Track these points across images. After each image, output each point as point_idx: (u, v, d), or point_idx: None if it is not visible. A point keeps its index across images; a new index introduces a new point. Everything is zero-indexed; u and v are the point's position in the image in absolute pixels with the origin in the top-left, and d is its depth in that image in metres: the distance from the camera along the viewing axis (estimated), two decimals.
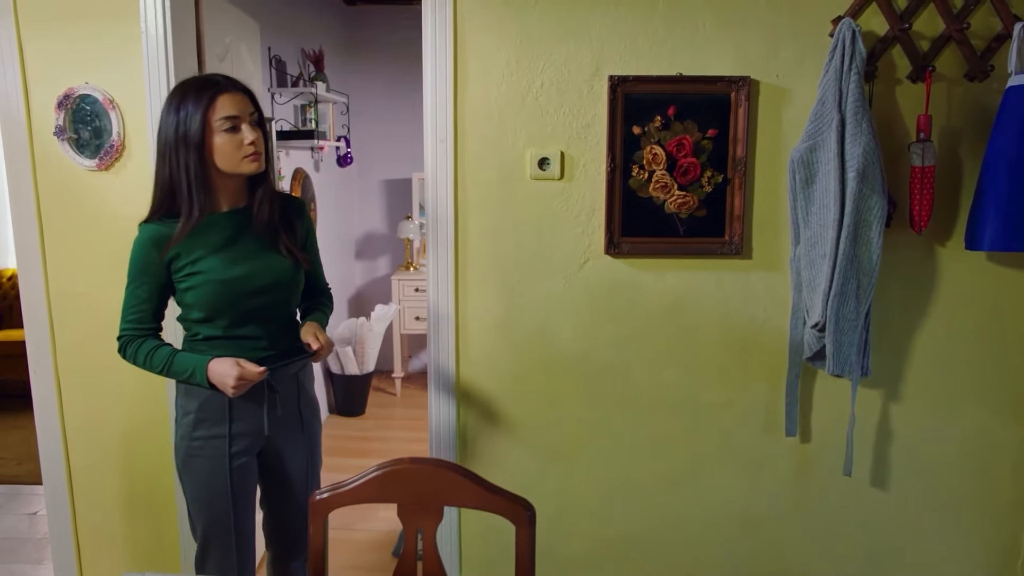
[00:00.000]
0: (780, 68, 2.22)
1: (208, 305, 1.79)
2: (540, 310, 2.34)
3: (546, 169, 2.27)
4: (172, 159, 1.72)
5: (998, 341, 2.34)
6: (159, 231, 1.76)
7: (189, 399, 1.85)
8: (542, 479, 2.43)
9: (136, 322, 1.81)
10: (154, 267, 1.77)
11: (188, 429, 1.86)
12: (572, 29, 2.22)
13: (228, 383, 1.73)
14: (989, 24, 2.18)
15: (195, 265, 1.77)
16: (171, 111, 1.72)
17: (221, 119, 1.72)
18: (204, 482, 1.87)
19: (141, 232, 1.78)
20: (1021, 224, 2.11)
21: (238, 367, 1.73)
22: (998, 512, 2.44)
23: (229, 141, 1.73)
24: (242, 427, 1.87)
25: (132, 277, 1.79)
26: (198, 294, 1.78)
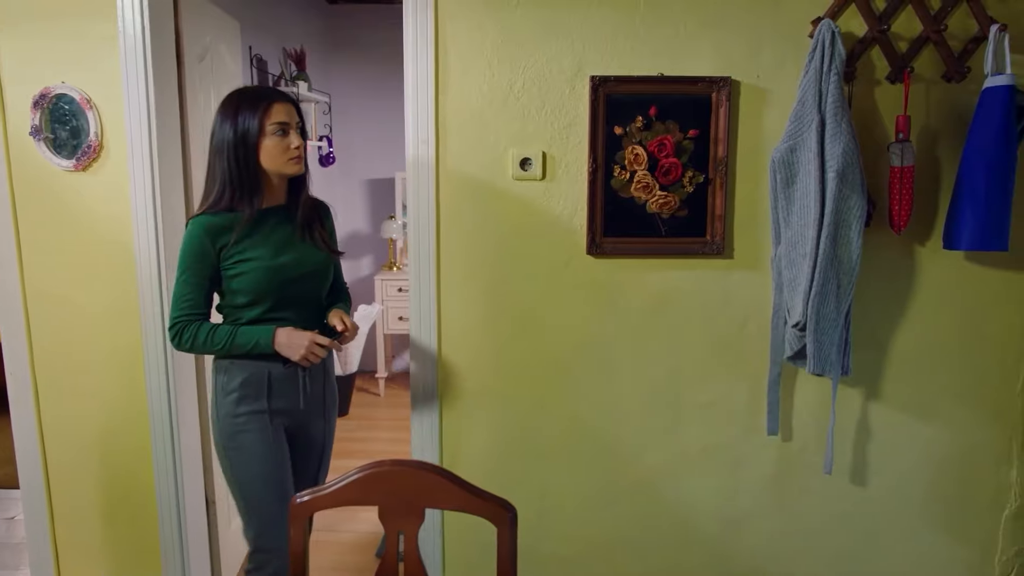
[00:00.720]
0: (761, 69, 2.23)
1: (255, 290, 1.93)
2: (522, 311, 2.34)
3: (528, 169, 2.27)
4: (231, 158, 1.89)
5: (976, 339, 2.37)
6: (213, 221, 1.90)
7: (231, 377, 1.97)
8: (525, 479, 2.43)
9: (191, 308, 1.91)
10: (208, 256, 1.90)
11: (232, 407, 1.96)
12: (553, 30, 2.22)
13: (301, 347, 1.90)
14: (966, 26, 2.20)
15: (244, 253, 1.92)
16: (229, 115, 1.89)
17: (274, 124, 1.90)
18: (257, 454, 1.97)
19: (196, 224, 1.90)
20: (998, 224, 2.13)
21: (307, 334, 1.92)
22: (977, 509, 2.46)
23: (277, 144, 1.91)
24: (279, 404, 2.01)
25: (186, 266, 1.90)
26: (248, 280, 1.92)
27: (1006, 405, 2.40)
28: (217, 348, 1.92)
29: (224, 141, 1.89)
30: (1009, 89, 2.07)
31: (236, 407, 1.96)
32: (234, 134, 1.88)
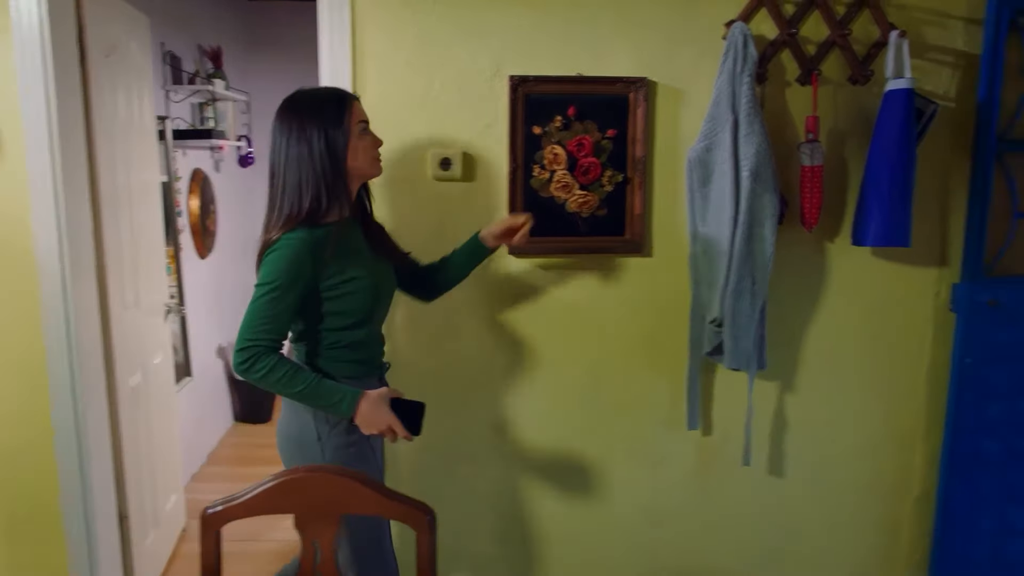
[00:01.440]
0: (677, 70, 2.27)
1: (362, 309, 1.79)
2: (444, 311, 2.32)
3: (448, 169, 2.25)
4: (321, 164, 1.71)
5: (883, 331, 2.46)
6: (316, 235, 1.71)
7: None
8: (450, 481, 2.41)
9: (273, 332, 1.68)
10: (305, 275, 1.70)
11: (343, 437, 1.79)
12: (472, 30, 2.21)
13: (380, 426, 1.74)
14: (868, 31, 2.28)
15: (345, 272, 1.75)
16: (309, 118, 1.72)
17: (360, 123, 1.78)
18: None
19: (297, 240, 1.68)
20: (901, 221, 2.22)
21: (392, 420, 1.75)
22: (885, 494, 2.56)
23: (366, 144, 1.79)
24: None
25: (280, 284, 1.67)
26: (355, 300, 1.77)
27: (911, 393, 2.51)
28: (291, 392, 1.69)
29: (311, 147, 1.71)
30: (908, 92, 2.16)
31: (348, 436, 1.79)
32: (324, 138, 1.71)
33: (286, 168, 1.73)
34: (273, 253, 1.69)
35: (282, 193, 1.73)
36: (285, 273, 1.67)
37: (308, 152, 1.71)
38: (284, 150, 1.73)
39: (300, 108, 1.75)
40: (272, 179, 1.76)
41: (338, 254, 1.73)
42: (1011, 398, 2.46)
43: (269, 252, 1.70)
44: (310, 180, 1.72)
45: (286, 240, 1.69)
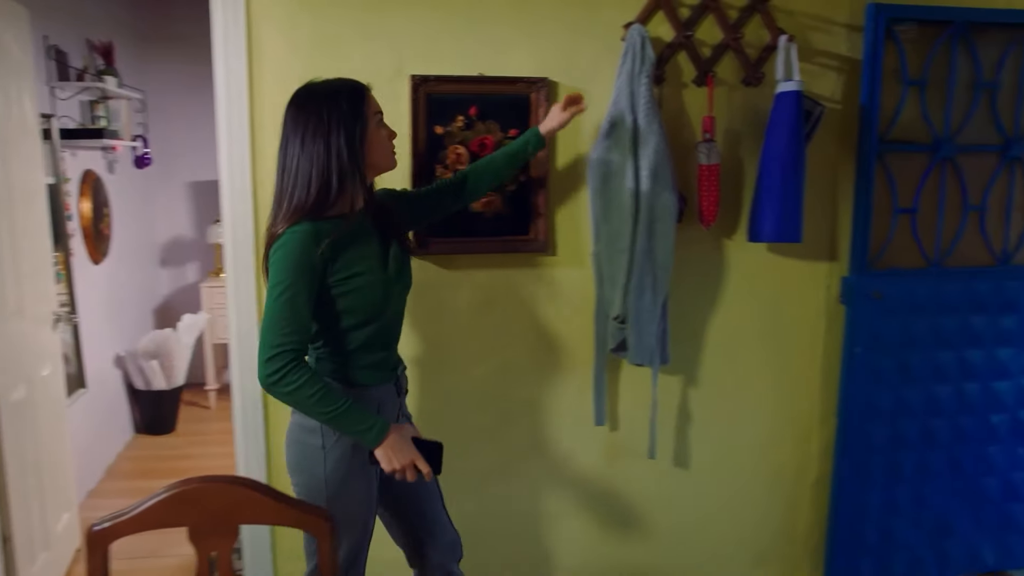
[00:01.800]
0: (577, 70, 2.30)
1: (371, 306, 1.71)
2: None
3: None
4: (339, 155, 1.64)
5: (779, 324, 2.56)
6: (320, 227, 1.63)
7: None
8: None
9: (297, 333, 1.59)
10: (314, 269, 1.62)
11: (346, 450, 1.73)
12: (372, 29, 2.18)
13: (401, 462, 1.68)
14: (760, 35, 2.37)
15: (352, 267, 1.67)
16: (328, 108, 1.65)
17: (375, 113, 1.73)
18: (361, 499, 1.79)
19: (300, 232, 1.61)
20: (793, 217, 2.31)
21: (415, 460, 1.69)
22: (784, 480, 2.67)
23: (382, 136, 1.74)
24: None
25: (290, 281, 1.59)
26: (361, 297, 1.69)
27: (806, 383, 2.62)
28: (318, 412, 1.62)
29: (328, 141, 1.64)
30: (797, 94, 2.26)
31: (352, 451, 1.73)
32: (343, 132, 1.64)
33: (299, 162, 1.65)
34: (279, 251, 1.62)
35: (292, 186, 1.66)
36: (294, 269, 1.60)
37: (325, 147, 1.64)
38: (299, 144, 1.66)
39: (315, 101, 1.68)
40: (282, 173, 1.68)
41: (344, 248, 1.66)
42: (897, 385, 2.60)
43: (275, 249, 1.63)
44: (324, 173, 1.64)
45: (290, 234, 1.62)
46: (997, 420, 2.72)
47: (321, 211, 1.65)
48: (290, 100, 1.72)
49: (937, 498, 2.72)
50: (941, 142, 2.51)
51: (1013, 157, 2.58)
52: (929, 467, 2.69)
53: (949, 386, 2.66)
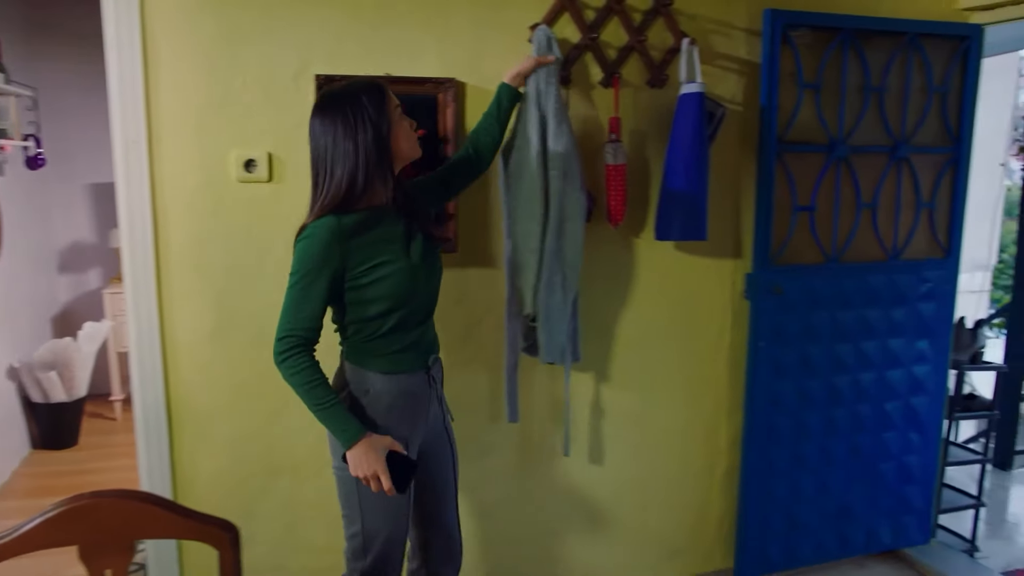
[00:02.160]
0: (485, 71, 2.30)
1: (395, 295, 1.77)
2: (257, 318, 2.22)
3: (253, 171, 2.16)
4: (362, 155, 1.72)
5: (687, 320, 2.63)
6: (344, 222, 1.72)
7: (375, 400, 1.82)
8: (269, 493, 2.32)
9: (307, 320, 1.72)
10: (333, 261, 1.71)
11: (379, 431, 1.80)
12: (276, 27, 2.13)
13: (365, 470, 1.74)
14: (664, 38, 2.42)
15: (376, 258, 1.75)
16: (354, 111, 1.72)
17: (396, 107, 1.79)
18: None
19: (323, 227, 1.70)
20: (698, 216, 2.37)
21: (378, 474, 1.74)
22: (695, 473, 2.74)
23: (405, 127, 1.80)
24: (419, 417, 1.91)
25: (307, 271, 1.70)
26: (387, 285, 1.76)
27: (714, 377, 2.70)
28: (306, 400, 1.74)
29: (356, 140, 1.71)
30: (699, 96, 2.32)
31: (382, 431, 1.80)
32: (370, 128, 1.71)
33: (332, 162, 1.73)
34: (302, 241, 1.73)
35: (327, 187, 1.74)
36: (312, 259, 1.70)
37: (354, 146, 1.72)
38: (331, 147, 1.73)
39: (340, 104, 1.75)
40: (316, 176, 1.77)
41: (367, 239, 1.74)
42: (799, 377, 2.71)
43: (299, 240, 1.74)
44: (354, 172, 1.72)
45: (313, 227, 1.71)
46: (891, 407, 2.86)
47: (349, 205, 1.74)
48: (314, 107, 1.78)
49: (838, 484, 2.84)
50: (835, 143, 2.62)
51: (900, 157, 2.71)
52: (830, 454, 2.81)
53: (847, 376, 2.78)
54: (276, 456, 2.31)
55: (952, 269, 2.88)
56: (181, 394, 2.22)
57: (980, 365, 3.19)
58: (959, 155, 2.80)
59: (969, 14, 2.76)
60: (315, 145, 1.76)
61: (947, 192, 2.84)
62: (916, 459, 2.94)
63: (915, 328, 2.84)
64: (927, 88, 2.72)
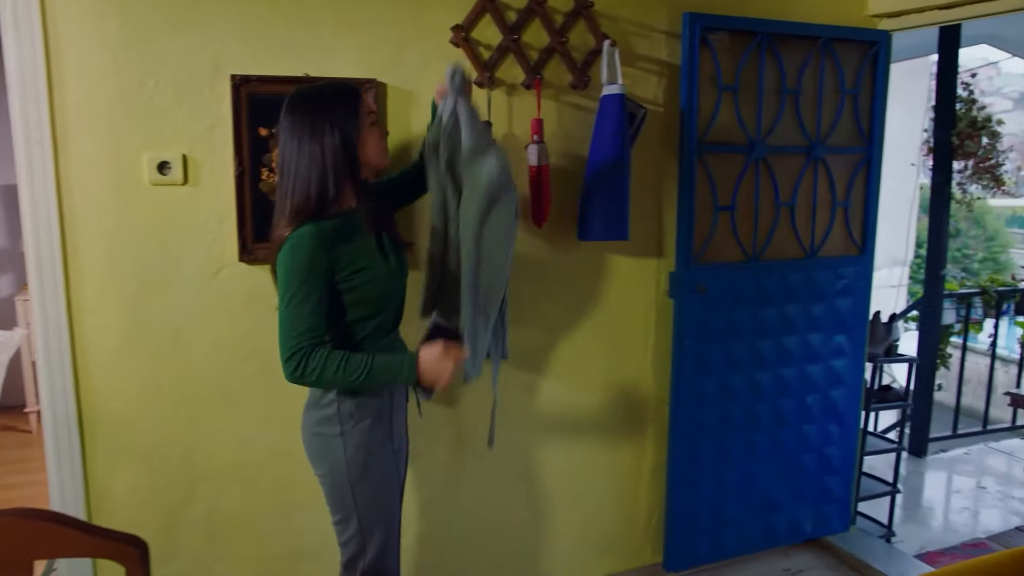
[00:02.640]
0: (406, 72, 2.28)
1: (378, 298, 1.78)
2: (172, 325, 2.16)
3: (167, 173, 2.09)
4: (335, 158, 1.70)
5: (614, 319, 2.66)
6: (322, 227, 1.69)
7: (360, 406, 1.81)
8: (190, 503, 2.25)
9: (312, 330, 1.67)
10: (322, 268, 1.68)
11: (364, 435, 1.81)
12: (188, 24, 2.07)
13: (448, 371, 1.75)
14: (585, 40, 2.44)
15: (358, 263, 1.74)
16: (323, 114, 1.71)
17: (369, 113, 1.79)
18: (385, 482, 1.87)
19: (306, 236, 1.67)
20: (620, 216, 2.40)
21: (452, 354, 1.75)
22: (624, 468, 2.78)
23: (374, 136, 1.80)
24: (399, 424, 1.93)
25: (299, 284, 1.66)
26: (369, 289, 1.76)
27: (641, 374, 2.73)
28: (350, 380, 1.69)
29: (323, 143, 1.69)
30: (620, 97, 2.34)
31: (369, 436, 1.82)
32: (339, 133, 1.70)
33: (298, 164, 1.71)
34: (286, 255, 1.68)
35: (292, 189, 1.71)
36: (303, 270, 1.66)
37: (321, 149, 1.70)
38: (296, 147, 1.71)
39: (312, 104, 1.73)
40: (281, 176, 1.74)
41: (347, 246, 1.73)
42: (722, 373, 2.76)
43: (282, 254, 1.69)
44: (322, 174, 1.70)
45: (296, 237, 1.68)
46: (811, 400, 2.95)
47: (322, 211, 1.71)
48: (285, 105, 1.75)
49: (762, 476, 2.91)
50: (754, 144, 2.68)
51: (816, 158, 2.80)
52: (754, 448, 2.88)
53: (769, 371, 2.85)
54: (196, 464, 2.25)
55: (867, 265, 2.99)
56: (93, 404, 2.14)
57: (894, 357, 3.31)
58: (871, 155, 2.90)
59: (877, 20, 2.86)
60: (283, 146, 1.74)
61: (860, 191, 2.94)
62: (836, 450, 3.04)
63: (833, 323, 2.94)
64: (840, 91, 2.81)
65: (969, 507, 3.70)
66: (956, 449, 4.35)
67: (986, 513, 3.63)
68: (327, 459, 1.84)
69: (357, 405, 1.81)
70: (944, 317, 4.16)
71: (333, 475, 1.84)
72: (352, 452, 1.82)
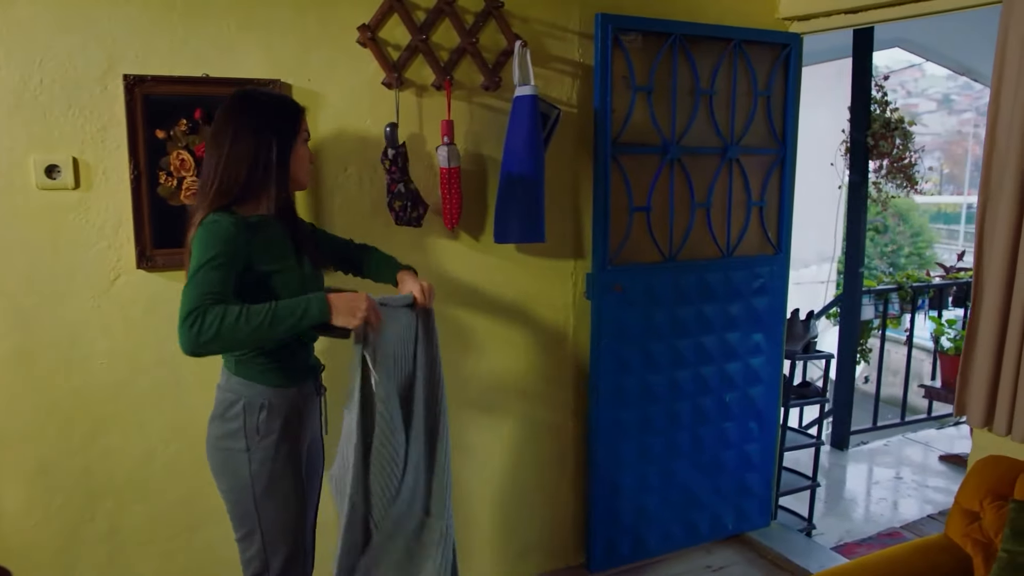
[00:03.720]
0: (311, 72, 2.23)
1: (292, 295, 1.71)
2: (66, 336, 2.07)
3: (57, 177, 2.00)
4: (262, 154, 1.71)
5: (533, 321, 2.65)
6: (242, 219, 1.68)
7: (271, 415, 1.76)
8: (89, 522, 2.16)
9: (215, 293, 1.57)
10: (240, 251, 1.65)
11: (271, 451, 1.76)
12: (75, 21, 1.98)
13: (361, 309, 1.68)
14: (497, 41, 2.42)
15: (273, 263, 1.73)
16: (265, 120, 1.72)
17: (305, 132, 1.82)
18: (290, 497, 1.81)
19: (221, 218, 1.65)
20: (535, 218, 2.39)
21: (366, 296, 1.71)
22: (545, 474, 2.77)
23: (303, 155, 1.82)
24: (311, 428, 1.89)
25: (212, 256, 1.60)
26: (283, 292, 1.72)
27: (561, 375, 2.73)
28: (253, 328, 1.56)
29: (257, 149, 1.70)
30: (533, 98, 2.33)
31: (275, 451, 1.76)
32: (276, 146, 1.72)
33: (230, 151, 1.70)
34: (203, 231, 1.64)
35: (215, 176, 1.70)
36: (217, 245, 1.61)
37: (257, 147, 1.71)
38: (230, 138, 1.70)
39: (256, 106, 1.75)
40: (211, 161, 1.72)
41: (264, 244, 1.71)
42: (641, 372, 2.78)
43: (198, 231, 1.65)
44: (252, 168, 1.70)
45: (214, 218, 1.65)
46: (731, 398, 2.98)
47: (237, 201, 1.71)
48: (229, 100, 1.75)
49: (683, 474, 2.94)
50: (668, 144, 2.70)
51: (731, 158, 2.83)
52: (675, 446, 2.90)
53: (688, 370, 2.88)
54: (95, 480, 2.16)
55: (783, 264, 3.04)
56: None
57: (812, 354, 3.37)
58: (785, 156, 2.95)
59: (789, 23, 2.91)
60: (218, 134, 1.72)
61: (775, 191, 2.99)
62: (755, 446, 3.08)
63: (750, 322, 2.98)
64: (753, 92, 2.85)
65: (887, 498, 3.80)
66: (876, 441, 4.48)
67: (903, 503, 3.73)
68: (230, 474, 1.78)
69: (267, 418, 1.75)
70: (863, 313, 4.26)
71: (236, 491, 1.79)
72: (257, 468, 1.76)
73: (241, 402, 1.75)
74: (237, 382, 1.77)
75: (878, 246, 11.36)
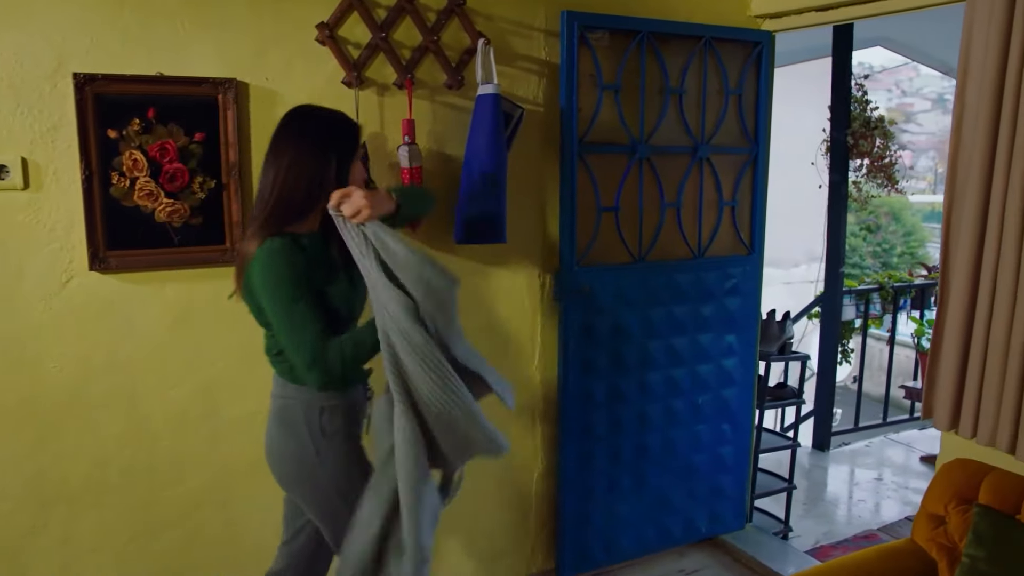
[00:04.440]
0: (269, 71, 2.19)
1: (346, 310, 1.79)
2: (15, 341, 2.03)
3: (5, 178, 1.97)
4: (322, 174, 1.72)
5: (498, 323, 2.62)
6: (295, 239, 1.71)
7: (333, 415, 1.80)
8: (41, 529, 2.13)
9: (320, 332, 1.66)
10: (305, 274, 1.69)
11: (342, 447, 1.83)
12: (20, 17, 1.94)
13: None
14: (459, 39, 2.39)
15: (328, 277, 1.76)
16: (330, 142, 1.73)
17: (363, 149, 1.88)
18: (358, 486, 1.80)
19: (277, 244, 1.67)
20: (496, 219, 2.36)
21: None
22: (514, 478, 2.73)
23: (359, 172, 1.83)
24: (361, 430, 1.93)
25: (295, 291, 1.66)
26: (336, 290, 1.76)
27: (528, 379, 2.69)
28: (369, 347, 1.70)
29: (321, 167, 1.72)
30: (495, 97, 2.30)
31: (345, 444, 1.83)
32: (337, 163, 1.73)
33: (287, 174, 1.71)
34: (266, 267, 1.67)
35: (272, 195, 1.71)
36: (292, 277, 1.66)
37: (314, 171, 1.71)
38: (288, 159, 1.71)
39: (318, 128, 1.75)
40: (264, 178, 1.74)
41: (317, 260, 1.74)
42: (610, 375, 2.75)
43: (259, 262, 1.68)
44: (310, 186, 1.72)
45: (270, 246, 1.67)
46: (703, 400, 2.96)
47: (294, 221, 1.72)
48: (287, 117, 1.77)
49: (655, 477, 2.91)
50: (637, 143, 2.67)
51: (701, 157, 2.80)
52: (647, 449, 2.87)
53: (659, 373, 2.85)
54: (47, 486, 2.12)
55: (756, 264, 3.01)
56: None
57: (787, 355, 3.34)
58: (757, 155, 2.93)
59: (760, 21, 2.88)
60: (274, 149, 1.73)
61: (748, 191, 2.96)
62: (729, 449, 3.05)
63: (723, 323, 2.95)
64: (724, 91, 2.82)
65: (867, 499, 3.78)
66: (859, 442, 4.45)
67: (883, 504, 3.71)
68: (305, 482, 1.84)
69: (329, 415, 1.80)
70: (844, 313, 4.24)
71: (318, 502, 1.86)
72: (332, 471, 1.82)
73: (301, 407, 1.80)
74: (294, 389, 1.81)
75: (870, 245, 11.35)
